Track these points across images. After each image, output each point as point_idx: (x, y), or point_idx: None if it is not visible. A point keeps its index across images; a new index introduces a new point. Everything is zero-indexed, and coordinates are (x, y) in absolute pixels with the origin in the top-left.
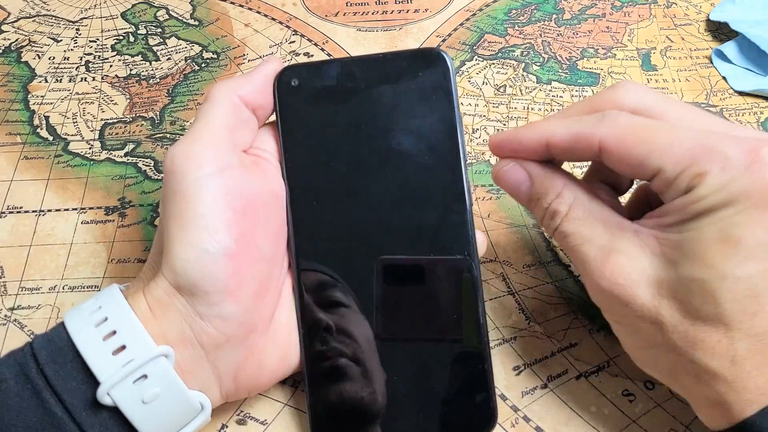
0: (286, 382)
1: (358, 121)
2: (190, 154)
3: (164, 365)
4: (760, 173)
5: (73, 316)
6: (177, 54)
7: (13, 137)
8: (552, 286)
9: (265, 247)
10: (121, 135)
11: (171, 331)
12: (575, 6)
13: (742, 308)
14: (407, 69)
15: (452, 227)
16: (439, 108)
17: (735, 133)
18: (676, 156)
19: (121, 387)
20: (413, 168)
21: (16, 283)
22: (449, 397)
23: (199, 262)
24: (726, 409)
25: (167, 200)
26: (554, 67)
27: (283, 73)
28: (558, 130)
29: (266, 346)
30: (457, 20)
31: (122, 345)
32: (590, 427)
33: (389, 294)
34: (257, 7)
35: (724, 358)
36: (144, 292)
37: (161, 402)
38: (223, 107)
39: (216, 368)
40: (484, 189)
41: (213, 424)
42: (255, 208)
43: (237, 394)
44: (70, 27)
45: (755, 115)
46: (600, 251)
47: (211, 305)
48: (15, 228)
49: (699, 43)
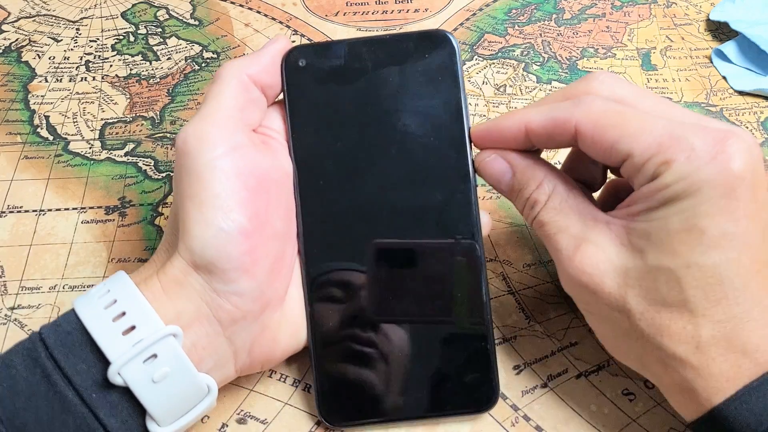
0: (287, 381)
1: (365, 101)
2: (202, 134)
3: (173, 345)
4: (724, 164)
5: (82, 301)
6: (177, 54)
7: (14, 137)
8: (552, 285)
9: (278, 224)
10: (121, 135)
11: (187, 309)
12: (575, 6)
13: (706, 295)
14: (414, 50)
15: (457, 207)
16: (445, 89)
17: (705, 124)
18: (645, 142)
19: (132, 366)
20: (419, 148)
21: (17, 282)
22: (452, 375)
23: (215, 241)
24: (695, 395)
25: (181, 180)
26: (554, 66)
27: (291, 53)
28: (536, 117)
29: (280, 321)
30: (457, 20)
31: (132, 325)
32: (590, 426)
33: (394, 274)
34: (257, 6)
35: (689, 344)
36: (158, 274)
37: (170, 382)
38: (232, 87)
39: (232, 343)
40: (484, 189)
41: (213, 424)
42: (267, 186)
43: (251, 369)
44: (70, 27)
45: (755, 114)
46: (572, 241)
47: (227, 282)
48: (15, 227)
49: (699, 43)
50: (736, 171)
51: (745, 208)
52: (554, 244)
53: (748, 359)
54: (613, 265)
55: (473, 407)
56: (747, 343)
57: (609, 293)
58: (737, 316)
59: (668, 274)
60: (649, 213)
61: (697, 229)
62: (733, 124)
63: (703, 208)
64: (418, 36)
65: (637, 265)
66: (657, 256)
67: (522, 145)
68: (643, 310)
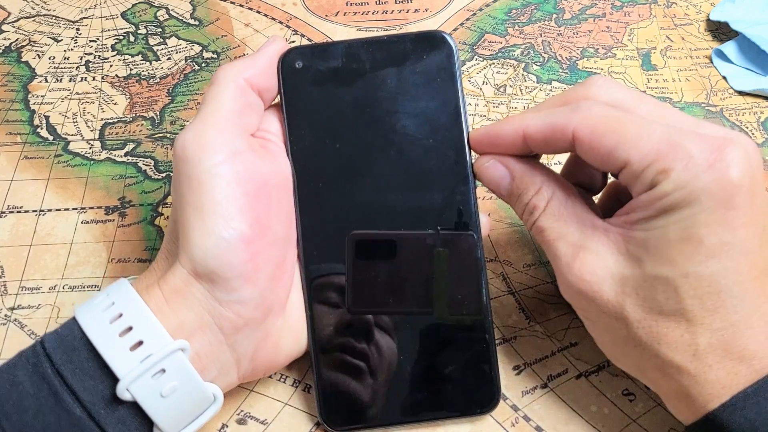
0: (286, 381)
1: (362, 102)
2: (201, 140)
3: (182, 359)
4: (721, 172)
5: (85, 314)
6: (177, 54)
7: (14, 137)
8: (552, 285)
9: (278, 229)
10: (121, 135)
11: (189, 319)
12: (575, 6)
13: (704, 304)
14: (411, 51)
15: (457, 208)
16: (443, 89)
17: (703, 130)
18: (643, 150)
19: (141, 382)
20: (418, 149)
21: (17, 282)
22: (453, 377)
23: (216, 250)
24: (691, 401)
25: (181, 187)
26: (554, 66)
27: (287, 55)
28: (534, 122)
29: (282, 327)
30: (457, 20)
31: (139, 341)
32: (590, 427)
33: (394, 276)
34: (257, 6)
35: (687, 352)
36: (159, 284)
37: (178, 395)
38: (230, 91)
39: (235, 351)
40: (484, 188)
41: (213, 424)
42: (267, 191)
43: (254, 375)
44: (70, 27)
45: (755, 114)
46: (571, 248)
47: (230, 291)
48: (15, 228)
49: (699, 43)
50: (734, 179)
51: (743, 216)
52: (553, 250)
53: (745, 366)
54: (611, 273)
55: (475, 409)
56: (744, 350)
57: (607, 301)
58: (735, 324)
59: (666, 283)
60: (647, 222)
61: (695, 238)
62: (732, 129)
63: (700, 218)
64: (416, 37)
65: (635, 273)
66: (655, 266)
67: (520, 150)
68: (641, 318)
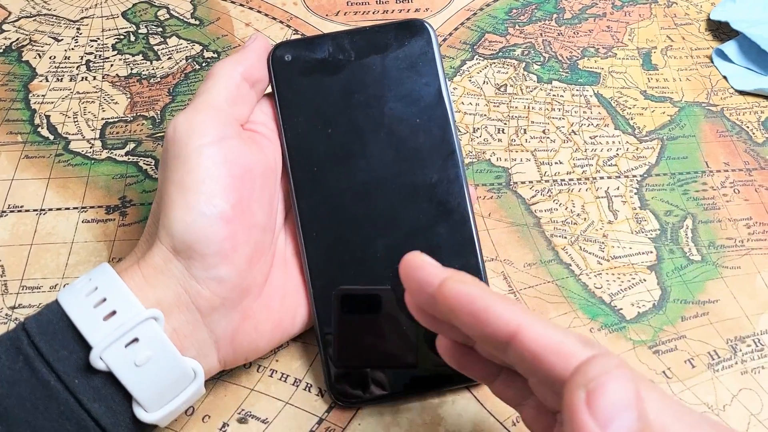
0: (288, 380)
1: (351, 89)
2: (192, 123)
3: (154, 328)
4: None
5: (65, 291)
6: (178, 53)
7: (14, 136)
8: (553, 284)
9: (259, 214)
10: (121, 134)
11: (167, 296)
12: (576, 5)
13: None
14: (393, 39)
15: (447, 181)
16: (425, 72)
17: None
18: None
19: (113, 350)
20: (405, 130)
21: (17, 281)
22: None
23: (195, 224)
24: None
25: (168, 166)
26: (555, 66)
27: (277, 49)
28: (539, 328)
29: (261, 311)
30: (458, 19)
31: (113, 311)
32: None
33: (389, 250)
34: (258, 6)
35: None
36: (139, 264)
37: (154, 365)
38: (224, 82)
39: (213, 332)
40: (484, 188)
41: (214, 423)
42: (252, 177)
43: (236, 360)
44: (70, 26)
45: (755, 114)
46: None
47: (207, 268)
48: (16, 227)
49: (700, 43)
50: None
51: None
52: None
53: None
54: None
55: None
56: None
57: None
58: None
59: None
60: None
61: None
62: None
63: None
64: (397, 26)
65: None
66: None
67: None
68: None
